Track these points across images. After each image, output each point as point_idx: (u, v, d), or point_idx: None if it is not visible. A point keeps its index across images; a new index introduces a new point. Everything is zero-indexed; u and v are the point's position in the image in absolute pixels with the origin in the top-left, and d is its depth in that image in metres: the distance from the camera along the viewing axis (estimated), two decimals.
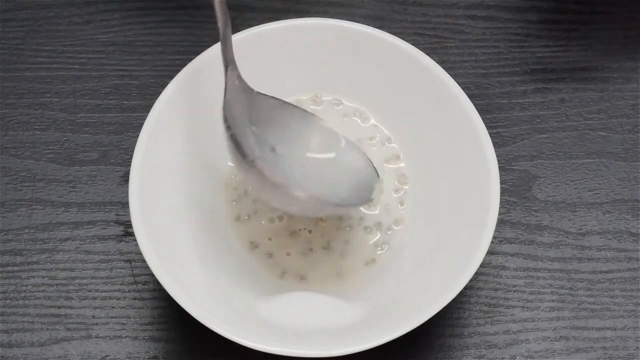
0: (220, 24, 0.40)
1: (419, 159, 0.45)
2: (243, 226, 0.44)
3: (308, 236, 0.44)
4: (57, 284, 0.45)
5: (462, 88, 0.43)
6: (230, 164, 0.45)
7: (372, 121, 0.47)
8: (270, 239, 0.44)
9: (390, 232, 0.44)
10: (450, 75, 0.44)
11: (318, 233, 0.44)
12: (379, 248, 0.44)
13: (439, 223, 0.43)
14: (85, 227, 0.47)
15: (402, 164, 0.46)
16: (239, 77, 0.41)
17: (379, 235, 0.44)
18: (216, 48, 0.44)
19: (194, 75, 0.43)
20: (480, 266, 0.39)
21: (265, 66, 0.45)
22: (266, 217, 0.44)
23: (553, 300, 0.45)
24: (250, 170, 0.39)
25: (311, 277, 0.43)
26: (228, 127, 0.39)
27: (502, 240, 0.47)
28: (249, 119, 0.41)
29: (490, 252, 0.43)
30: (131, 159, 0.41)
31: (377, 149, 0.46)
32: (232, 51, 0.41)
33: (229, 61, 0.40)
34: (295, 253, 0.44)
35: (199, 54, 0.44)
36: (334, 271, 0.43)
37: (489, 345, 0.44)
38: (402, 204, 0.45)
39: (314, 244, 0.44)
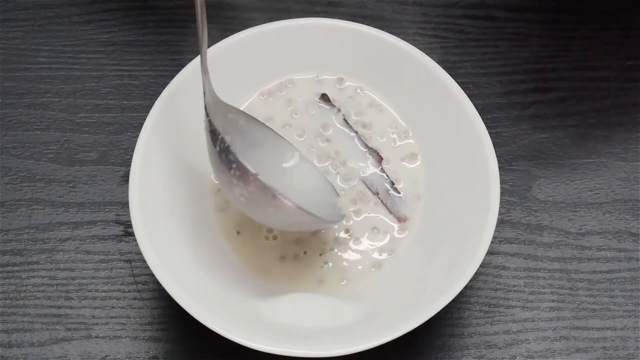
0: (202, 32, 0.39)
1: (418, 159, 0.45)
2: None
3: (311, 241, 0.44)
4: (57, 284, 0.45)
5: (462, 88, 0.43)
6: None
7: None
8: (274, 240, 0.44)
9: (394, 234, 0.44)
10: (450, 75, 0.44)
11: (320, 240, 0.44)
12: (380, 249, 0.44)
13: (439, 223, 0.43)
14: (85, 227, 0.47)
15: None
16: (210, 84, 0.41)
17: (381, 237, 0.44)
18: (216, 48, 0.44)
19: (194, 75, 0.43)
20: (480, 266, 0.39)
21: (264, 66, 0.46)
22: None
23: (553, 300, 0.45)
24: (242, 179, 0.38)
25: (314, 282, 0.43)
26: (216, 134, 0.39)
27: (502, 240, 0.47)
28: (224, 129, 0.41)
29: (490, 252, 0.43)
30: (131, 159, 0.41)
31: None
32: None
33: (206, 68, 0.40)
34: (299, 258, 0.44)
35: (199, 53, 0.44)
36: (337, 277, 0.43)
37: (489, 345, 0.44)
38: None
39: (315, 250, 0.44)
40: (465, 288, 0.39)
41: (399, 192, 0.45)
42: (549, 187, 0.48)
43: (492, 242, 0.40)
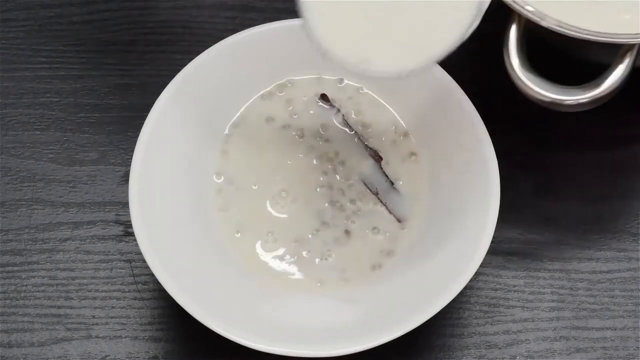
0: None
1: (418, 159, 0.45)
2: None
3: (311, 241, 0.44)
4: (57, 284, 0.45)
5: (462, 88, 0.43)
6: None
7: None
8: (275, 241, 0.44)
9: (394, 234, 0.44)
10: (450, 75, 0.44)
11: (320, 240, 0.44)
12: (380, 249, 0.44)
13: (439, 223, 0.43)
14: (85, 227, 0.47)
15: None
16: None
17: (381, 237, 0.44)
18: (216, 48, 0.44)
19: (194, 75, 0.43)
20: (480, 266, 0.39)
21: (264, 66, 0.45)
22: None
23: (553, 300, 0.45)
24: None
25: (314, 282, 0.43)
26: None
27: (502, 240, 0.47)
28: None
29: (490, 252, 0.42)
30: (131, 159, 0.41)
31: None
32: None
33: None
34: (299, 259, 0.43)
35: (199, 54, 0.44)
36: (337, 277, 0.43)
37: (489, 345, 0.44)
38: None
39: (316, 250, 0.44)
40: (465, 288, 0.39)
41: (398, 192, 0.45)
42: (549, 187, 0.48)
43: (492, 242, 0.40)
